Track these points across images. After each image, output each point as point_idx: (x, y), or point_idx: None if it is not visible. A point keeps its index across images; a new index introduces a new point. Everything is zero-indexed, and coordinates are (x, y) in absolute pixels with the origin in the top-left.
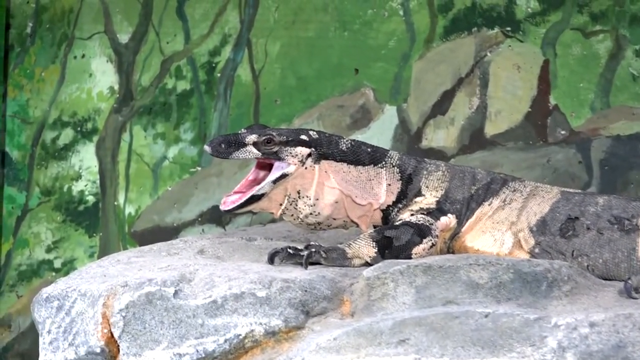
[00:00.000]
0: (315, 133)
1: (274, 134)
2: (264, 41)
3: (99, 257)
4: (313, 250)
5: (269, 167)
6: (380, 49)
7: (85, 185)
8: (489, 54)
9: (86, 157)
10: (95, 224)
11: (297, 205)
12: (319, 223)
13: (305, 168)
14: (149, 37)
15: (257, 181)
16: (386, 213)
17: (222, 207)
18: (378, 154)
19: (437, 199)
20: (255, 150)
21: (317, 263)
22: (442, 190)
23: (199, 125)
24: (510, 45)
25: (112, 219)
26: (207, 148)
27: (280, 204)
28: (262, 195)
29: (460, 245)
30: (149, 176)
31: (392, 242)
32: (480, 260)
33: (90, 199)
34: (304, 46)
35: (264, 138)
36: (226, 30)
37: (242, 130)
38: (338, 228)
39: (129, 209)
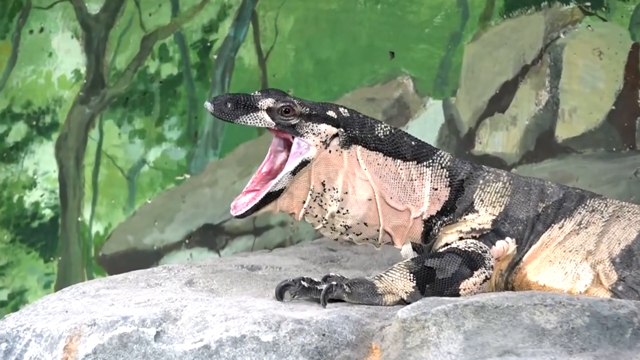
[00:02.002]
0: (346, 111)
1: (295, 102)
2: (273, 14)
3: (58, 287)
4: (334, 283)
5: (287, 152)
6: (423, 27)
7: (42, 196)
8: (562, 35)
9: (43, 160)
10: (53, 245)
11: (322, 201)
12: (347, 227)
13: (330, 152)
14: (127, 7)
15: (273, 173)
16: (428, 227)
17: (233, 213)
18: (424, 150)
19: (494, 217)
20: (268, 118)
21: (339, 300)
22: (501, 206)
23: (188, 121)
24: (589, 25)
25: (75, 240)
26: (208, 105)
27: (303, 201)
28: (281, 191)
29: (521, 279)
30: (123, 185)
31: (434, 275)
32: (548, 300)
33: (47, 213)
34: (325, 22)
35: (281, 105)
36: None
37: (256, 92)
38: (369, 242)
39: (97, 227)
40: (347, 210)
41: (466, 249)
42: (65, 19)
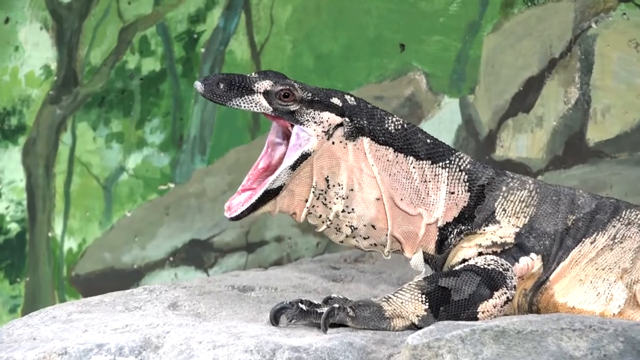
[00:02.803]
0: (353, 99)
1: (296, 86)
2: (268, 2)
3: (25, 312)
4: (336, 306)
5: (287, 144)
6: (437, 16)
7: (7, 208)
8: (594, 25)
9: (8, 167)
10: (20, 264)
11: (326, 199)
12: (354, 228)
13: (333, 143)
14: None
15: (271, 169)
16: (443, 235)
17: (227, 214)
18: (441, 150)
19: (518, 229)
20: (265, 103)
21: (342, 325)
22: (525, 217)
23: (173, 122)
24: (625, 14)
25: (45, 258)
26: (198, 85)
27: (305, 200)
28: (280, 188)
29: (547, 300)
30: (99, 196)
31: (449, 296)
32: (577, 323)
33: (13, 227)
34: (327, 10)
35: (280, 88)
36: None
37: (253, 73)
38: (377, 249)
39: (69, 244)
40: (353, 209)
41: (486, 266)
42: (34, 9)
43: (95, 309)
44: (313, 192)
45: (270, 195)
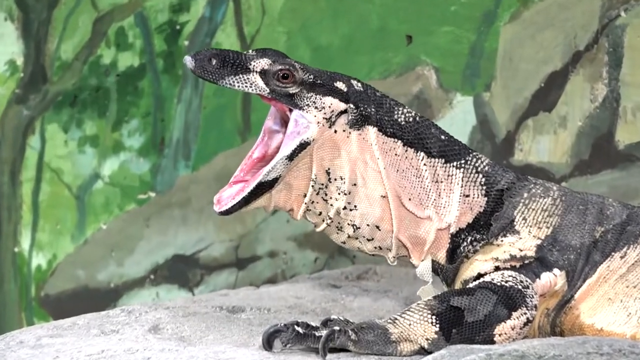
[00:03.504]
0: (359, 84)
1: (296, 66)
2: None
3: None
4: (336, 328)
5: (285, 132)
6: (448, 4)
7: None
8: (623, 13)
9: None
10: None
11: (326, 194)
12: (356, 227)
13: (335, 132)
14: None
15: (267, 160)
16: (455, 243)
17: (217, 208)
18: (456, 148)
19: (539, 241)
20: (261, 83)
21: (343, 349)
22: (548, 227)
23: (153, 124)
24: None
25: (11, 275)
26: (188, 60)
27: (304, 195)
28: (275, 180)
29: (572, 321)
30: (71, 206)
31: (462, 317)
32: (604, 347)
33: None
34: None
35: (279, 68)
36: None
37: (250, 51)
38: (382, 253)
39: (38, 260)
40: (355, 206)
41: (503, 283)
42: None
43: (67, 332)
44: (312, 186)
45: (264, 187)
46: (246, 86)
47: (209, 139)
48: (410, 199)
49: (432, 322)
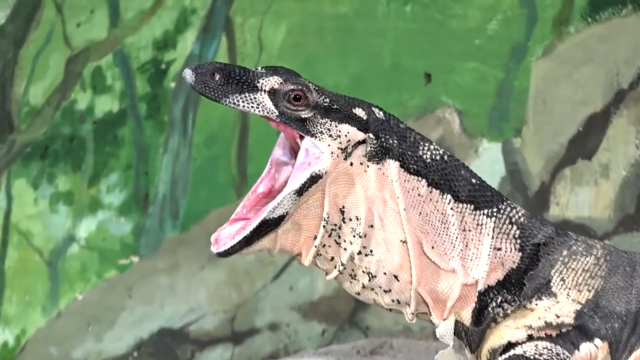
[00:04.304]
0: (381, 112)
1: (310, 87)
2: (256, 22)
3: None
4: None
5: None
6: (472, 38)
7: None
8: None
9: None
10: None
11: (339, 237)
12: (371, 277)
13: (351, 164)
14: (44, 15)
15: (273, 195)
16: (482, 302)
17: (214, 249)
18: (488, 194)
19: (579, 307)
20: (269, 104)
21: None
22: (589, 291)
23: (136, 178)
24: None
25: None
26: (188, 74)
27: (314, 237)
28: (282, 218)
29: None
30: (42, 273)
31: None
32: None
33: None
34: (332, 32)
35: (291, 88)
36: (186, 1)
37: (259, 68)
38: (400, 308)
39: (5, 336)
40: (371, 251)
41: (537, 356)
42: None
43: None
44: (324, 226)
45: (269, 226)
46: (252, 106)
47: (199, 195)
48: (433, 247)
49: None
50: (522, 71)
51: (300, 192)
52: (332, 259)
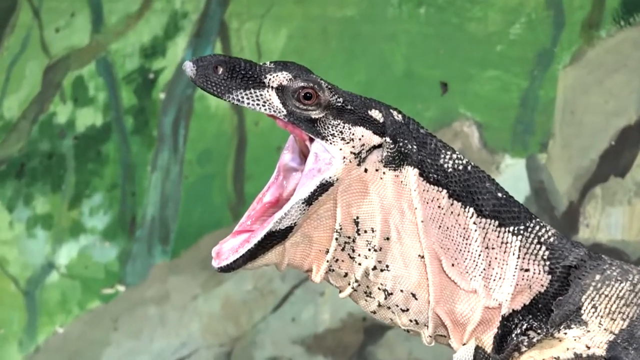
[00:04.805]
0: (399, 115)
1: (323, 85)
2: (254, 26)
3: None
4: None
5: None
6: (493, 44)
7: None
8: None
9: None
10: None
11: (353, 250)
12: (388, 294)
13: (366, 171)
14: (19, 19)
15: (281, 204)
16: (506, 328)
17: (216, 263)
18: (515, 210)
19: (613, 337)
20: (277, 102)
21: None
22: (624, 320)
23: (122, 198)
24: None
25: None
26: (188, 67)
27: (326, 251)
28: (289, 229)
29: None
30: (18, 304)
31: None
32: None
33: None
34: (337, 37)
35: (301, 85)
36: (177, 4)
37: (268, 62)
38: (418, 329)
39: None
40: (387, 267)
41: None
42: None
43: None
44: (336, 239)
45: (275, 238)
46: (258, 104)
47: (192, 217)
48: (453, 265)
49: None
50: (548, 80)
51: (309, 201)
52: (346, 275)
